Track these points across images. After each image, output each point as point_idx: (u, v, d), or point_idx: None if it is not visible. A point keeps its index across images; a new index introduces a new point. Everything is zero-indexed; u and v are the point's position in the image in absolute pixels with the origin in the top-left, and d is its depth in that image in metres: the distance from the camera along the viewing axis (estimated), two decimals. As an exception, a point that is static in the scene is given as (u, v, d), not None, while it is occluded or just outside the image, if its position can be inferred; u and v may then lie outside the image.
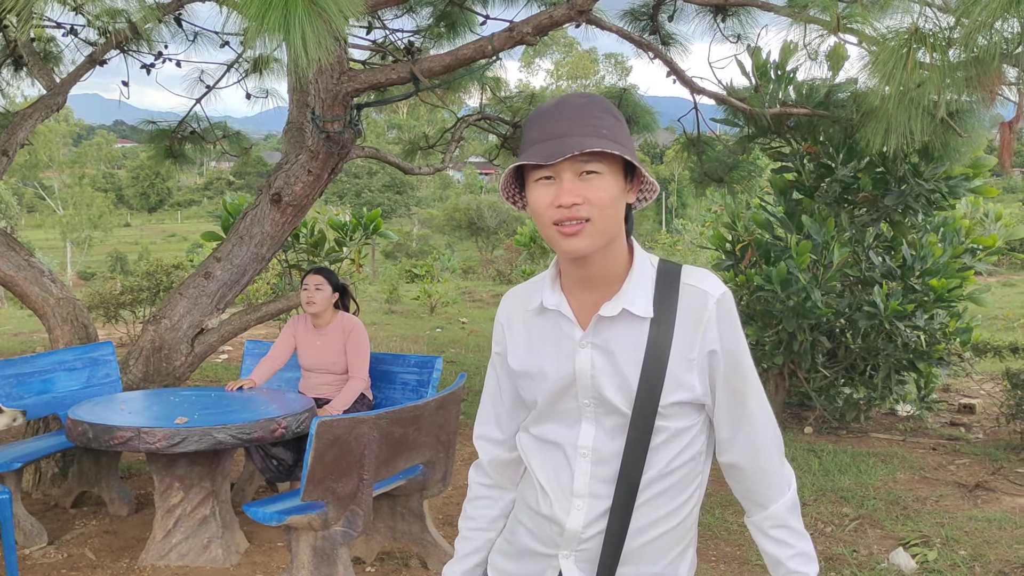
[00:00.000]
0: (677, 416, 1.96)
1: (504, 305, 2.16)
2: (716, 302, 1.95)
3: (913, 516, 6.08)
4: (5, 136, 7.48)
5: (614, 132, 1.89)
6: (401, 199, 57.82)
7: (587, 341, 1.97)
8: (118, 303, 12.85)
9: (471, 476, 2.28)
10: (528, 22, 5.99)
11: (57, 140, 54.12)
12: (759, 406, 2.01)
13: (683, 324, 1.94)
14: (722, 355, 1.95)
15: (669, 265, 2.01)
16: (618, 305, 1.94)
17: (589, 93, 1.99)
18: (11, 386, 5.87)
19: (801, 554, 2.02)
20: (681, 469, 2.00)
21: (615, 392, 1.95)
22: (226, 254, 6.93)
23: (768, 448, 2.02)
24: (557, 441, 2.03)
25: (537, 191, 1.89)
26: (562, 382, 1.99)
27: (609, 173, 1.87)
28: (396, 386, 6.15)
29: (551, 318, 2.03)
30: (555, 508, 2.02)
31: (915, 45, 4.21)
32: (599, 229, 1.87)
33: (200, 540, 5.20)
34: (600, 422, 1.98)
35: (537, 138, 1.89)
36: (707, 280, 1.98)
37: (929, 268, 7.98)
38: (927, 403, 8.76)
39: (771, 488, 2.03)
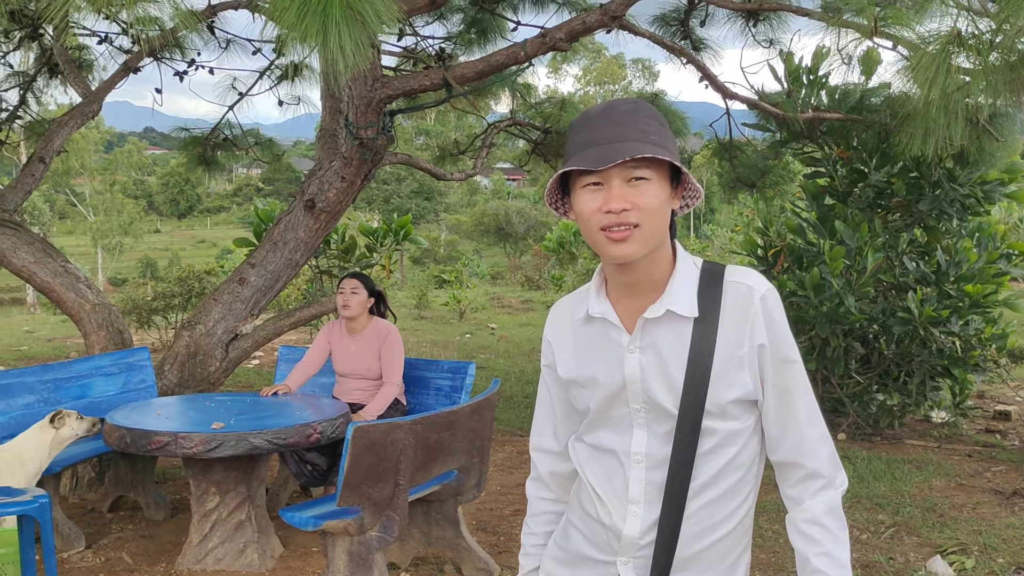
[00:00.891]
0: (729, 416, 1.95)
1: (551, 319, 2.17)
2: (761, 297, 1.94)
3: (950, 523, 6.03)
4: (42, 144, 7.56)
5: (661, 138, 1.89)
6: (429, 205, 57.94)
7: (635, 345, 1.96)
8: (151, 309, 12.94)
9: (530, 491, 2.28)
10: (561, 28, 5.99)
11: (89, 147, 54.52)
12: (807, 405, 1.98)
13: (729, 321, 1.94)
14: (771, 350, 1.94)
15: (713, 265, 2.01)
16: (662, 306, 1.94)
17: (635, 99, 1.98)
18: (49, 391, 5.93)
19: (828, 555, 1.94)
20: (735, 475, 1.98)
21: (665, 394, 1.94)
22: (260, 260, 6.97)
23: (817, 448, 1.98)
24: (610, 448, 2.03)
25: (584, 197, 1.89)
26: (612, 388, 1.99)
27: (657, 179, 1.87)
28: (430, 391, 6.16)
29: (598, 326, 2.03)
30: (613, 515, 2.01)
31: (955, 49, 4.19)
32: (647, 235, 1.86)
33: (236, 544, 5.22)
34: (651, 427, 1.97)
35: (584, 143, 1.88)
36: (752, 277, 1.98)
37: (964, 274, 7.91)
38: (962, 410, 8.69)
39: (812, 486, 1.99)
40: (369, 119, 6.37)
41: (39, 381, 5.89)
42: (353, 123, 6.37)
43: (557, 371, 2.12)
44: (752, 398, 1.97)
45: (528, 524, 2.27)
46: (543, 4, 8.58)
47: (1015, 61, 4.21)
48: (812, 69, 7.84)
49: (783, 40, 7.80)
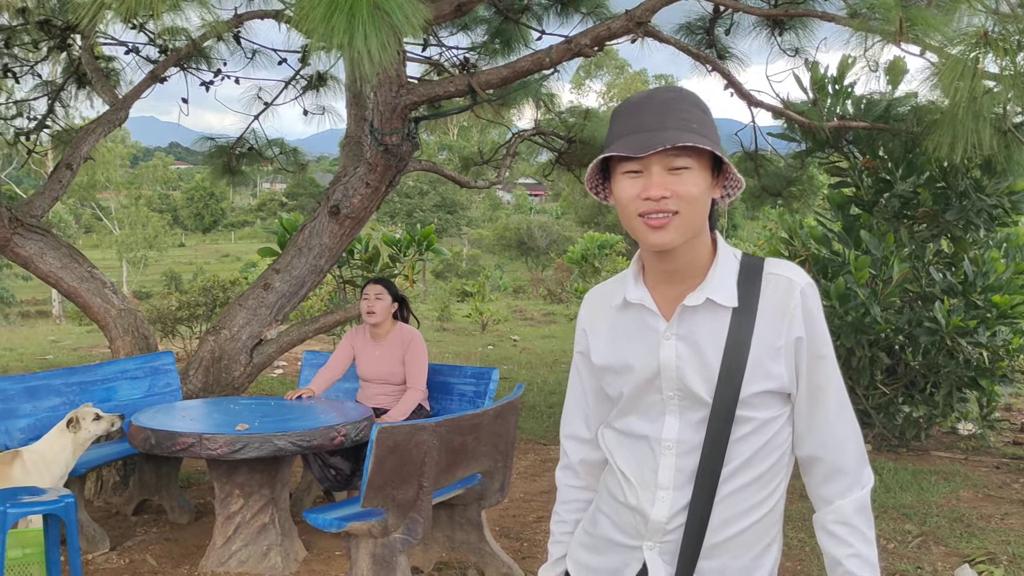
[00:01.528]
0: (763, 406, 1.95)
1: (585, 306, 2.17)
2: (802, 290, 1.94)
3: (978, 533, 5.97)
4: (69, 150, 7.62)
5: (703, 127, 1.89)
6: (452, 219, 58.02)
7: (671, 332, 1.96)
8: (175, 318, 13.00)
9: (560, 479, 2.29)
10: (586, 34, 6.00)
11: (115, 161, 54.90)
12: (838, 402, 1.97)
13: (768, 313, 1.93)
14: (807, 344, 1.94)
15: (753, 258, 2.01)
16: (702, 295, 1.94)
17: (678, 86, 1.99)
18: (75, 393, 5.96)
19: (859, 556, 1.94)
20: (766, 461, 1.98)
21: (700, 383, 1.94)
22: (285, 266, 6.99)
23: (845, 445, 1.98)
24: (641, 434, 2.02)
25: (624, 183, 1.89)
26: (647, 375, 1.99)
27: (698, 168, 1.87)
28: (453, 397, 6.16)
29: (635, 312, 2.03)
30: (641, 499, 2.01)
31: (983, 51, 4.16)
32: (685, 223, 1.87)
33: (259, 547, 5.22)
34: (684, 415, 1.97)
35: (625, 130, 1.89)
36: (792, 270, 1.98)
37: (991, 284, 7.85)
38: (989, 422, 8.61)
39: (841, 486, 1.98)
40: (394, 125, 6.38)
41: (65, 384, 5.92)
42: (378, 129, 6.39)
43: (591, 358, 2.12)
44: (786, 391, 1.96)
45: (557, 512, 2.28)
46: (568, 14, 8.59)
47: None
48: (838, 78, 7.82)
49: (808, 49, 7.80)
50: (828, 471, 1.99)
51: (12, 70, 9.92)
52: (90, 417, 5.08)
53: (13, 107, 10.50)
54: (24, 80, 10.18)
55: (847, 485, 1.98)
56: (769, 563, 2.03)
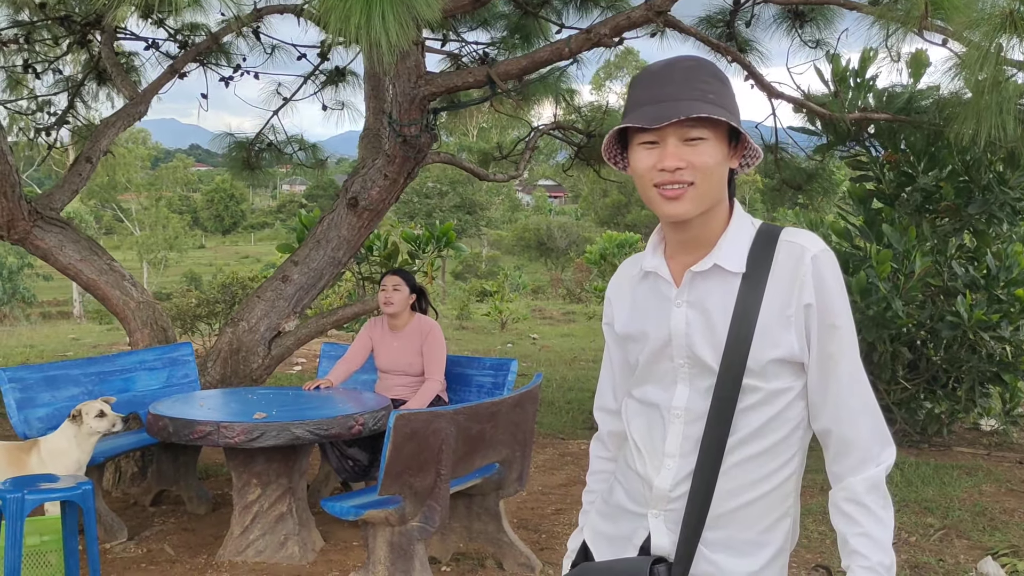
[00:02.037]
0: (773, 376, 1.91)
1: (614, 278, 2.18)
2: (813, 257, 1.89)
3: (1000, 527, 5.91)
4: (89, 143, 7.64)
5: (721, 97, 1.87)
6: (471, 220, 58.01)
7: (682, 299, 1.95)
8: (195, 316, 13.01)
9: (592, 449, 2.33)
10: (606, 23, 5.96)
11: (135, 163, 55.16)
12: (851, 374, 1.92)
13: (779, 280, 1.90)
14: (817, 311, 1.89)
15: (771, 226, 1.98)
16: (710, 260, 1.92)
17: (697, 56, 1.97)
18: (93, 383, 5.96)
19: (867, 535, 1.88)
20: (776, 433, 1.93)
21: (708, 350, 1.92)
22: (303, 258, 6.98)
23: (856, 419, 1.92)
24: (654, 402, 2.01)
25: (640, 153, 1.88)
26: (660, 342, 1.98)
27: (714, 139, 1.85)
28: (472, 388, 6.14)
29: (651, 281, 2.03)
30: (648, 466, 2.00)
31: (1007, 34, 4.11)
32: (701, 193, 1.86)
33: (277, 537, 5.21)
34: (693, 382, 1.95)
35: (642, 100, 1.88)
36: (808, 237, 1.94)
37: (1015, 278, 7.77)
38: (1012, 417, 8.53)
39: (852, 461, 1.92)
40: (413, 116, 6.37)
41: (84, 374, 5.93)
42: (397, 120, 6.38)
43: (615, 328, 2.13)
44: (798, 360, 1.91)
45: (588, 481, 2.32)
46: (587, 8, 8.57)
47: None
48: (859, 71, 7.76)
49: (830, 41, 7.74)
50: (839, 445, 1.94)
51: (33, 66, 9.97)
52: (93, 412, 5.03)
53: (34, 103, 10.55)
54: (44, 76, 10.23)
55: (859, 460, 1.92)
56: (779, 538, 1.98)
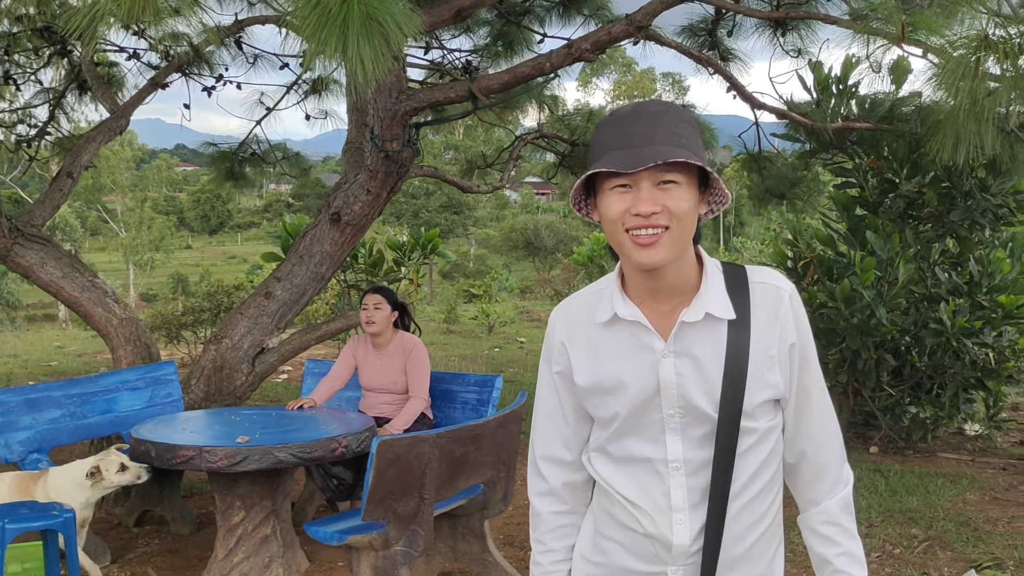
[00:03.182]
0: (762, 416, 1.96)
1: (560, 320, 2.09)
2: (790, 297, 1.98)
3: (984, 538, 5.93)
4: (70, 159, 7.60)
5: (691, 141, 1.86)
6: (458, 219, 58.01)
7: (669, 350, 1.93)
8: (180, 324, 12.98)
9: (541, 507, 2.18)
10: (587, 38, 5.96)
11: (120, 164, 54.99)
12: (822, 402, 2.01)
13: (760, 322, 1.94)
14: (799, 348, 1.96)
15: (733, 267, 2.01)
16: (700, 310, 1.92)
17: (665, 101, 1.98)
18: (75, 405, 5.93)
19: (848, 554, 2.01)
20: (769, 470, 1.99)
21: (703, 398, 1.92)
22: (286, 274, 6.96)
23: (828, 444, 2.02)
24: (643, 457, 1.99)
25: (611, 199, 1.86)
26: (644, 394, 1.95)
27: (686, 183, 1.85)
28: (456, 405, 6.13)
29: (626, 329, 1.98)
30: (658, 525, 1.97)
31: (984, 53, 4.12)
32: (675, 239, 1.85)
33: (261, 559, 5.19)
34: (686, 432, 1.95)
35: (612, 144, 1.86)
36: (776, 277, 2.00)
37: (997, 284, 7.80)
38: (996, 422, 8.56)
39: (826, 484, 2.02)
40: (395, 131, 6.36)
41: (65, 396, 5.90)
42: (379, 135, 6.36)
43: (573, 378, 2.05)
44: (779, 397, 1.97)
45: (543, 541, 2.18)
46: (570, 16, 8.56)
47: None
48: (841, 79, 7.77)
49: (812, 50, 7.74)
50: (815, 471, 2.02)
51: (13, 77, 9.91)
52: (114, 468, 4.91)
53: (15, 114, 10.49)
54: (25, 87, 10.17)
55: (831, 483, 2.02)
56: (780, 565, 2.07)
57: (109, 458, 4.93)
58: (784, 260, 8.65)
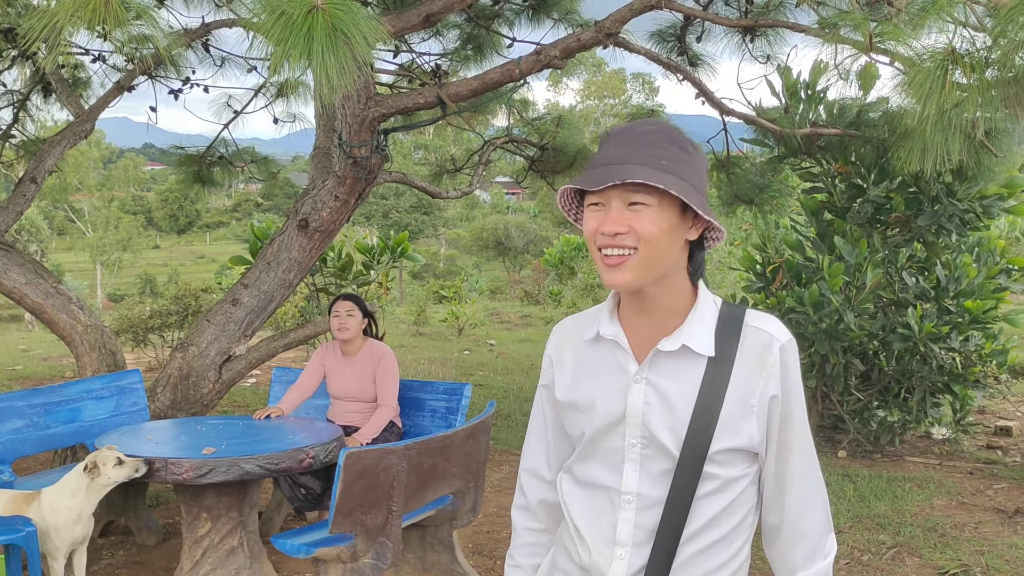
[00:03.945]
0: (729, 464, 1.87)
1: (554, 336, 2.08)
2: (781, 347, 1.87)
3: (952, 543, 5.96)
4: (33, 163, 7.51)
5: (677, 165, 1.81)
6: (428, 220, 57.88)
7: (641, 376, 1.88)
8: (147, 327, 12.85)
9: (516, 520, 2.18)
10: (555, 45, 5.94)
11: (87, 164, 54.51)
12: (806, 464, 1.91)
13: (744, 367, 1.86)
14: (782, 403, 1.87)
15: (733, 307, 1.93)
16: (678, 340, 1.86)
17: (662, 121, 1.91)
18: (39, 415, 5.85)
19: None
20: (729, 521, 1.90)
21: (666, 433, 1.86)
22: (253, 280, 6.90)
23: (807, 510, 1.91)
24: (601, 484, 1.94)
25: (587, 215, 1.85)
26: (611, 417, 1.91)
27: (660, 207, 1.79)
28: (425, 413, 6.09)
29: (607, 348, 1.95)
30: (595, 557, 1.92)
31: (951, 65, 4.13)
32: (644, 261, 1.79)
33: (228, 571, 5.14)
34: (645, 465, 1.89)
35: (597, 161, 1.84)
36: (774, 324, 1.91)
37: (964, 289, 7.86)
38: (963, 426, 8.62)
39: (805, 554, 1.92)
40: (363, 138, 6.31)
41: (28, 405, 5.81)
42: (347, 142, 6.32)
43: (555, 392, 2.03)
44: (754, 450, 1.89)
45: (512, 555, 2.17)
46: (539, 20, 8.55)
47: (1011, 77, 4.16)
48: (810, 84, 7.80)
49: (780, 55, 7.76)
50: (792, 537, 1.92)
51: (-25, 79, 9.78)
52: (111, 462, 4.75)
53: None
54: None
55: (808, 553, 1.92)
56: None
57: (105, 453, 4.78)
58: (753, 264, 8.67)
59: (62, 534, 4.73)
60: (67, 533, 4.75)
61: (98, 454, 4.77)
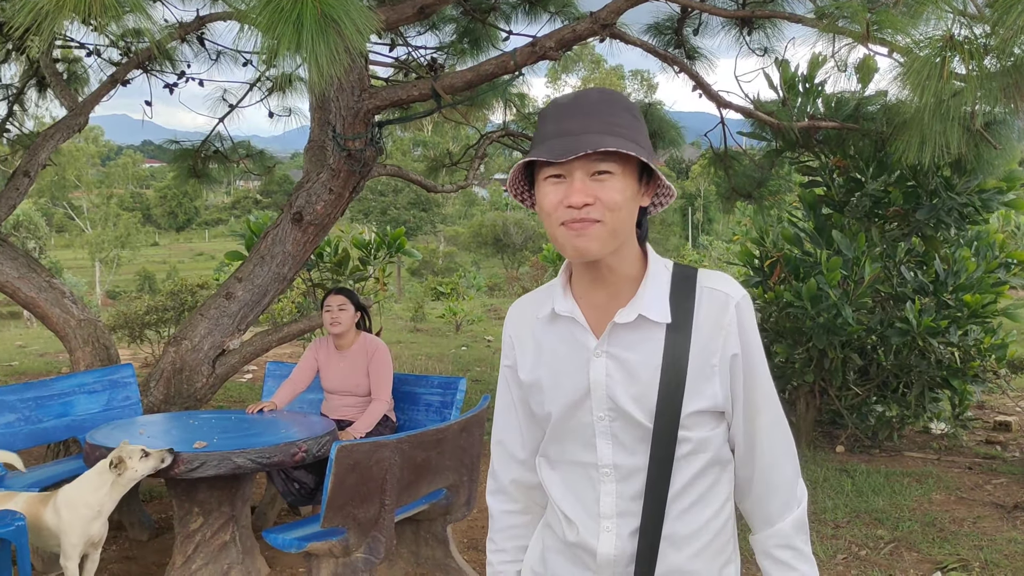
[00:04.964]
0: (698, 426, 1.86)
1: (511, 316, 2.06)
2: (737, 305, 1.86)
3: (950, 538, 5.92)
4: (26, 157, 7.46)
5: (632, 131, 1.79)
6: (427, 216, 57.85)
7: (602, 350, 1.87)
8: (143, 323, 12.80)
9: (493, 505, 2.16)
10: (551, 36, 5.90)
11: (85, 160, 54.47)
12: (774, 418, 1.91)
13: (703, 329, 1.84)
14: (743, 360, 1.86)
15: (685, 269, 1.91)
16: (634, 311, 1.84)
17: (608, 88, 1.88)
18: (31, 409, 5.81)
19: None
20: (706, 479, 1.90)
21: (632, 403, 1.84)
22: (247, 274, 6.86)
23: (779, 462, 1.92)
24: (577, 461, 1.93)
25: (546, 189, 1.80)
26: (577, 394, 1.89)
27: (623, 174, 1.77)
28: (419, 407, 6.05)
29: (564, 325, 1.93)
30: (582, 533, 1.92)
31: (950, 54, 4.09)
32: (609, 231, 1.77)
33: (220, 566, 5.10)
34: (617, 437, 1.88)
35: (549, 134, 1.80)
36: (727, 283, 1.89)
37: (962, 283, 7.81)
38: (961, 421, 8.58)
39: (780, 504, 1.92)
40: (357, 130, 6.27)
41: (20, 399, 5.77)
42: (341, 135, 6.28)
43: (519, 373, 2.01)
44: (720, 409, 1.88)
45: (494, 540, 2.15)
46: (535, 14, 8.50)
47: (1010, 66, 4.12)
48: (808, 77, 7.75)
49: (777, 48, 7.72)
50: (765, 489, 1.93)
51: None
52: (137, 456, 4.61)
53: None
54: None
55: (783, 502, 1.93)
56: None
57: (128, 447, 4.64)
58: (751, 259, 8.63)
59: (78, 531, 4.58)
60: (84, 530, 4.60)
61: (121, 449, 4.65)
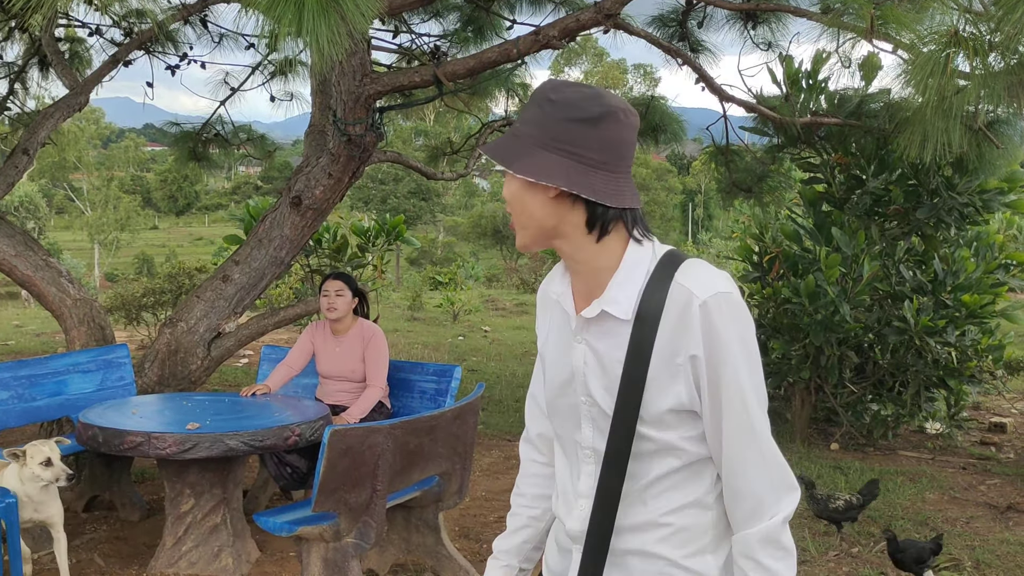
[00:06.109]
0: (670, 426, 1.82)
1: (546, 281, 2.08)
2: (701, 304, 1.77)
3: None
4: (26, 135, 7.43)
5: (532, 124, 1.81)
6: (426, 206, 57.76)
7: (581, 337, 1.89)
8: (140, 305, 12.79)
9: (523, 452, 2.21)
10: (554, 25, 5.87)
11: (85, 142, 54.38)
12: (739, 423, 1.80)
13: (668, 326, 1.79)
14: (705, 362, 1.78)
15: (671, 260, 1.84)
16: (598, 306, 1.84)
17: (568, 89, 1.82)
18: (24, 387, 5.79)
19: None
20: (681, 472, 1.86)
21: (602, 393, 1.85)
22: (244, 257, 6.84)
23: (744, 469, 1.82)
24: (570, 438, 1.96)
25: None
26: (566, 374, 1.92)
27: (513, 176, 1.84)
28: (414, 394, 6.04)
29: (558, 307, 1.98)
30: (559, 506, 1.99)
31: (954, 50, 4.07)
32: (521, 225, 1.86)
33: (210, 548, 5.09)
34: (595, 421, 1.89)
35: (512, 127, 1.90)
36: (699, 279, 1.80)
37: (961, 283, 7.80)
38: (957, 421, 8.57)
39: (746, 512, 1.83)
40: (358, 115, 6.25)
41: (13, 377, 5.75)
42: (341, 119, 6.26)
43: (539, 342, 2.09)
44: (688, 408, 1.82)
45: (518, 484, 2.20)
46: (540, 3, 8.48)
47: (1015, 64, 4.10)
48: (811, 73, 7.73)
49: (782, 43, 7.70)
50: (731, 495, 1.85)
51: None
52: (39, 458, 4.53)
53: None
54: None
55: (750, 512, 1.83)
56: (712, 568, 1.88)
57: (39, 448, 4.57)
58: (750, 255, 8.62)
59: None
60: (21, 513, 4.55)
61: (32, 446, 4.57)
